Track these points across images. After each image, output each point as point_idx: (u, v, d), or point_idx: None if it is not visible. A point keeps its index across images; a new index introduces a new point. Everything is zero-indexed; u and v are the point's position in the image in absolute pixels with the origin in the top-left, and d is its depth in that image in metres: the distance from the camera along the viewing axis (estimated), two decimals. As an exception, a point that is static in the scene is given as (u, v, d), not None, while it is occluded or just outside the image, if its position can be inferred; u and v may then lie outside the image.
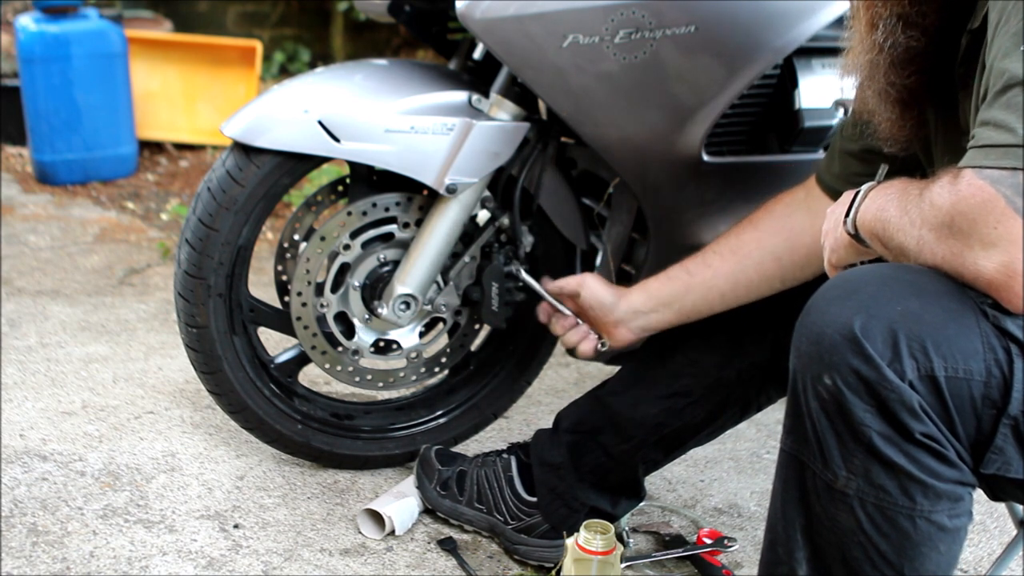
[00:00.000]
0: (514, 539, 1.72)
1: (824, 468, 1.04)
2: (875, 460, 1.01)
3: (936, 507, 1.01)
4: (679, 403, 1.61)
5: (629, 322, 1.65)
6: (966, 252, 1.00)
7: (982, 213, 0.97)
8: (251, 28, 5.56)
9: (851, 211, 1.13)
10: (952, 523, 1.03)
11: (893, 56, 1.18)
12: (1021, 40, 0.99)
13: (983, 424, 1.00)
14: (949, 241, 1.01)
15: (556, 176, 1.86)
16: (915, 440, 0.99)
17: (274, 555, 1.71)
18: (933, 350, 0.99)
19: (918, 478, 1.00)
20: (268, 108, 1.71)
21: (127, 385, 2.32)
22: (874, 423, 1.00)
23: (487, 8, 1.59)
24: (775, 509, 1.12)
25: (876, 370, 0.99)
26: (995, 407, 1.00)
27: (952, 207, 0.99)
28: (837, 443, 1.03)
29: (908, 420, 0.99)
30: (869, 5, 1.19)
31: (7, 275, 2.99)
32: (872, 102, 1.25)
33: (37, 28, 3.80)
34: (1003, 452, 1.01)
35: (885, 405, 0.99)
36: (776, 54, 1.70)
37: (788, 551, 1.10)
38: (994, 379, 0.99)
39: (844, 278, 1.07)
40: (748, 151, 1.83)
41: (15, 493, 1.85)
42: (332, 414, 1.96)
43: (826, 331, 1.02)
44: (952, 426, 1.00)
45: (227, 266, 1.75)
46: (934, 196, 1.02)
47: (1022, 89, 0.98)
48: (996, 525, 1.90)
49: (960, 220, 0.99)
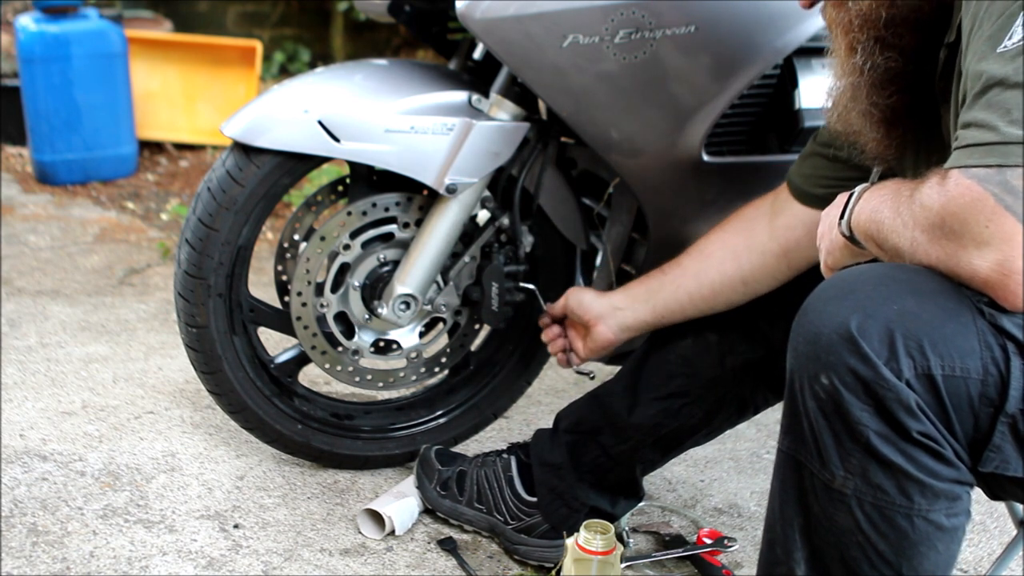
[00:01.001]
0: (514, 539, 1.72)
1: (822, 468, 1.04)
2: (872, 459, 1.01)
3: (934, 506, 1.01)
4: (675, 404, 1.62)
5: (607, 319, 1.69)
6: (960, 252, 1.00)
7: (972, 212, 0.98)
8: (251, 28, 5.56)
9: (845, 213, 1.14)
10: (950, 522, 1.03)
11: (874, 78, 1.20)
12: (996, 43, 1.00)
13: (981, 422, 1.00)
14: (942, 242, 1.01)
15: (556, 176, 1.87)
16: (912, 439, 0.99)
17: (274, 555, 1.71)
18: (930, 349, 0.99)
19: (916, 477, 1.00)
20: (268, 108, 1.71)
21: (127, 385, 2.32)
22: (871, 422, 1.00)
23: (487, 8, 1.59)
24: (773, 509, 1.13)
25: (873, 369, 0.99)
26: (992, 405, 1.00)
27: (942, 208, 1.00)
28: (834, 443, 1.03)
29: (905, 419, 0.99)
30: (846, 30, 1.21)
31: (7, 275, 2.99)
32: (857, 123, 1.27)
33: (37, 28, 3.80)
34: (1001, 450, 1.01)
35: (882, 404, 0.99)
36: (776, 54, 1.70)
37: (786, 551, 1.10)
38: (991, 377, 0.99)
39: (840, 277, 1.07)
40: (748, 151, 1.83)
41: (15, 493, 1.85)
42: (332, 414, 1.96)
43: (823, 331, 1.02)
44: (949, 425, 1.00)
45: (227, 266, 1.75)
46: (924, 197, 1.02)
47: (1001, 89, 0.98)
48: (996, 525, 1.90)
49: (951, 220, 0.99)
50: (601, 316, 1.69)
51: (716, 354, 1.60)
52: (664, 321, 1.65)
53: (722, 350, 1.60)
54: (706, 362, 1.60)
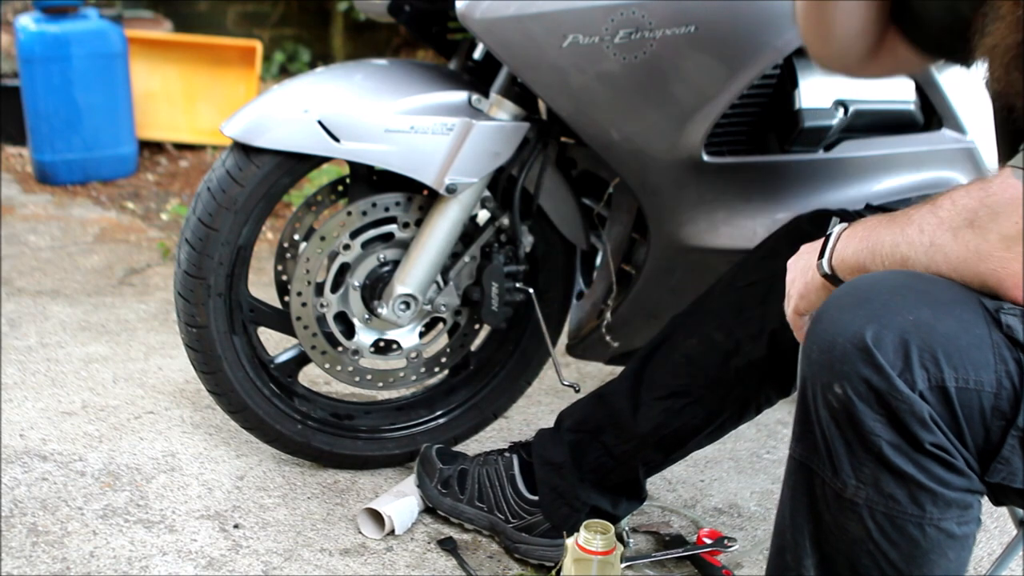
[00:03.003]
0: (515, 538, 1.72)
1: (834, 477, 1.04)
2: (885, 469, 1.00)
3: (946, 515, 1.01)
4: (678, 403, 1.61)
5: None
6: (982, 246, 1.00)
7: (1007, 207, 0.98)
8: (251, 28, 5.56)
9: (825, 253, 1.14)
10: (961, 530, 1.03)
11: None
12: None
13: (991, 434, 1.00)
14: (967, 236, 1.01)
15: (556, 176, 1.87)
16: (925, 450, 0.99)
17: (274, 555, 1.71)
18: (944, 361, 0.98)
19: (928, 487, 1.00)
20: (268, 108, 1.71)
21: (127, 385, 2.32)
22: (884, 433, 0.99)
23: (487, 8, 1.59)
24: (783, 516, 1.12)
25: (887, 380, 0.98)
26: (1004, 418, 0.99)
27: (979, 202, 1.00)
28: (847, 452, 1.02)
29: (918, 430, 0.98)
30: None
31: (7, 275, 2.99)
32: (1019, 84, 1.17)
33: (37, 28, 3.80)
34: (1009, 463, 1.01)
35: (895, 415, 0.99)
36: (776, 54, 1.70)
37: (796, 559, 1.10)
38: (1004, 391, 0.99)
39: (855, 285, 1.06)
40: (748, 151, 1.83)
41: (15, 493, 1.85)
42: (332, 414, 1.96)
43: (837, 339, 1.02)
44: (961, 436, 1.00)
45: (227, 266, 1.75)
46: (957, 198, 1.02)
47: None
48: (996, 525, 1.90)
49: (983, 213, 0.99)
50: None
51: (721, 354, 1.60)
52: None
53: (727, 350, 1.59)
54: (710, 361, 1.60)
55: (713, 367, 1.60)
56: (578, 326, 2.05)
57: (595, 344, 2.00)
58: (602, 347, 2.00)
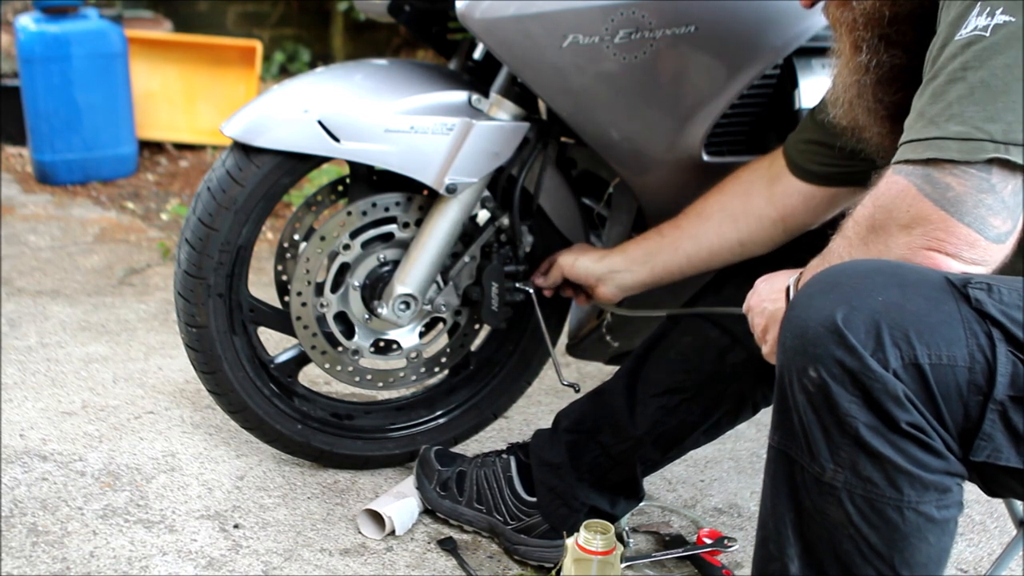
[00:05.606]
0: (514, 539, 1.72)
1: (812, 462, 1.05)
2: (862, 451, 1.01)
3: (924, 497, 1.01)
4: (673, 400, 1.62)
5: (608, 281, 1.75)
6: (889, 241, 1.06)
7: (896, 201, 1.05)
8: (251, 28, 5.56)
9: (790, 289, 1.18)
10: (940, 514, 1.03)
11: (879, 75, 1.24)
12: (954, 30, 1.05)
13: (970, 411, 1.00)
14: (872, 240, 1.08)
15: (556, 176, 1.87)
16: (901, 430, 1.00)
17: (274, 555, 1.71)
18: (916, 338, 0.99)
19: (905, 469, 1.00)
20: (268, 108, 1.71)
21: (127, 385, 2.32)
22: (860, 414, 1.00)
23: (487, 8, 1.59)
24: (765, 506, 1.13)
25: (859, 360, 0.99)
26: (981, 393, 1.00)
27: (872, 207, 1.08)
28: (824, 436, 1.03)
29: (893, 409, 0.99)
30: (851, 28, 1.24)
31: (7, 275, 2.99)
32: (862, 119, 1.30)
33: (37, 28, 3.80)
34: (992, 439, 1.01)
35: (870, 395, 0.99)
36: (776, 54, 1.70)
37: (779, 547, 1.10)
38: (978, 364, 1.00)
39: (825, 272, 1.09)
40: (748, 151, 1.83)
41: (15, 493, 1.85)
42: (332, 414, 1.96)
43: (809, 324, 1.03)
44: (939, 414, 1.00)
45: (227, 266, 1.75)
46: (855, 213, 1.10)
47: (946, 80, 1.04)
48: (996, 525, 1.90)
49: (879, 214, 1.07)
50: (600, 279, 1.75)
51: (716, 350, 1.60)
52: (661, 281, 1.71)
53: (722, 346, 1.60)
54: (706, 358, 1.61)
55: (709, 363, 1.60)
56: (578, 326, 2.05)
57: (595, 344, 2.01)
58: (602, 347, 2.00)
